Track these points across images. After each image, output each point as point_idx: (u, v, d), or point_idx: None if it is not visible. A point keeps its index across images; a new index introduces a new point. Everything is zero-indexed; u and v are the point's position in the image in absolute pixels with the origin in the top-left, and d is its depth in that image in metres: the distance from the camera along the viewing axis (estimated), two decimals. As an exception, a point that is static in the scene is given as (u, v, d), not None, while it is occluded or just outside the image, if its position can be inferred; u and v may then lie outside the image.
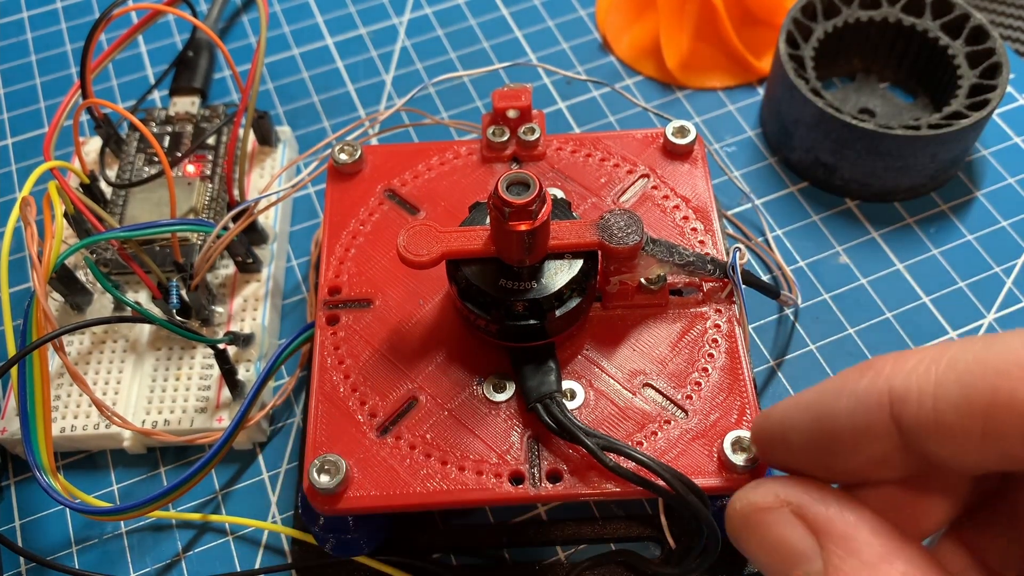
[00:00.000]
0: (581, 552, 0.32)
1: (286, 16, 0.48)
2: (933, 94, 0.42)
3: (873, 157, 0.38)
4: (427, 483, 0.27)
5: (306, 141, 0.43)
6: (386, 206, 0.33)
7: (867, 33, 0.42)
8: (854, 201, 0.40)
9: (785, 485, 0.21)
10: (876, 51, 0.42)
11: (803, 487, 0.20)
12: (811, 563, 0.19)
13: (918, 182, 0.39)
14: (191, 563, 0.32)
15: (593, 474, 0.26)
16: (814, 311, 0.37)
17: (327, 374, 0.29)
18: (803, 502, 0.20)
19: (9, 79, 0.47)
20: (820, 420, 0.20)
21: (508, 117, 0.33)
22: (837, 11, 0.41)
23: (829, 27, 0.41)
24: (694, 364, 0.29)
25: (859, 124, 0.37)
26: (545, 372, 0.27)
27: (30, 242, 0.30)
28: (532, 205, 0.24)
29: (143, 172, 0.39)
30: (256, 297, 0.36)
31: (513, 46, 0.46)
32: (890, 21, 0.41)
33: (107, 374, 0.35)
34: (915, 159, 0.37)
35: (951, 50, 0.40)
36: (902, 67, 0.42)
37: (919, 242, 0.39)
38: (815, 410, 0.20)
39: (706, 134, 0.43)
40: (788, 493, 0.20)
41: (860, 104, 0.42)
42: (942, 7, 0.41)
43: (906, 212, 0.40)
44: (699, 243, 0.31)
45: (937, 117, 0.38)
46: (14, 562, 0.32)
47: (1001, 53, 0.38)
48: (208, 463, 0.29)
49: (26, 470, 0.34)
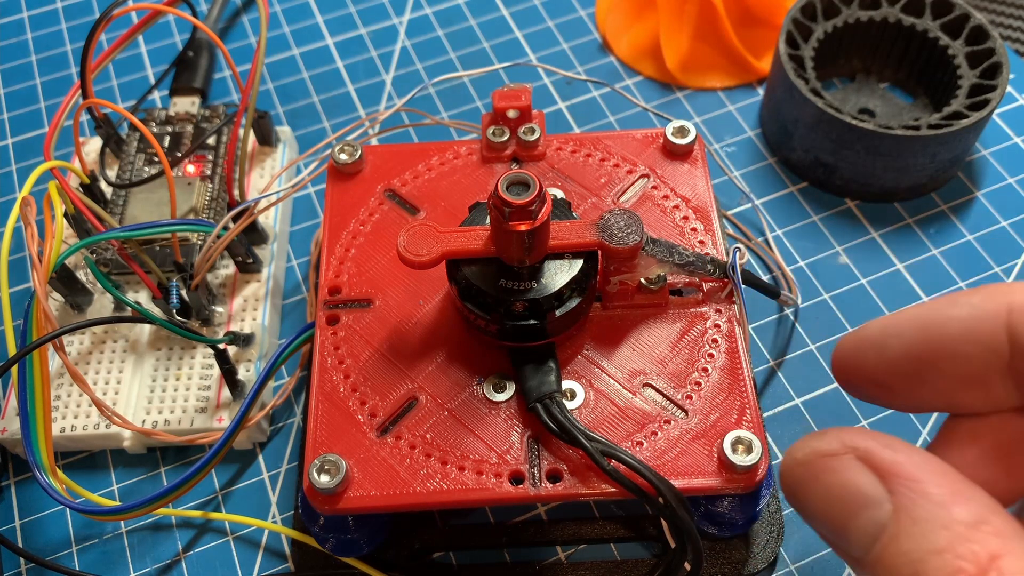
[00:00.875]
0: (581, 552, 0.32)
1: (286, 16, 0.48)
2: (933, 94, 0.42)
3: (873, 157, 0.38)
4: (427, 483, 0.27)
5: (306, 141, 0.43)
6: (386, 206, 0.33)
7: (867, 33, 0.42)
8: (854, 201, 0.40)
9: (850, 432, 0.20)
10: (876, 51, 0.42)
11: (868, 434, 0.20)
12: (879, 507, 0.18)
13: (918, 182, 0.39)
14: (191, 563, 0.32)
15: (593, 474, 0.26)
16: (814, 311, 0.37)
17: (327, 374, 0.29)
18: (871, 447, 0.19)
19: (9, 79, 0.47)
20: (927, 328, 0.20)
21: (508, 117, 0.33)
22: (837, 11, 0.41)
23: (829, 27, 0.41)
24: (694, 364, 0.29)
25: (859, 124, 0.37)
26: (545, 372, 0.27)
27: (30, 242, 0.30)
28: (532, 205, 0.24)
29: (143, 172, 0.39)
30: (256, 297, 0.36)
31: (513, 46, 0.46)
32: (890, 21, 0.41)
33: (107, 374, 0.35)
34: (915, 159, 0.37)
35: (951, 50, 0.40)
36: (902, 67, 0.42)
37: (919, 242, 0.39)
38: (923, 318, 0.20)
39: (706, 134, 0.43)
40: (854, 439, 0.20)
41: (860, 104, 0.42)
42: (942, 7, 0.41)
43: (906, 212, 0.40)
44: (699, 243, 0.31)
45: (937, 117, 0.38)
46: (14, 562, 0.32)
47: (1001, 53, 0.38)
48: (208, 463, 0.29)
49: (26, 470, 0.34)
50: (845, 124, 0.37)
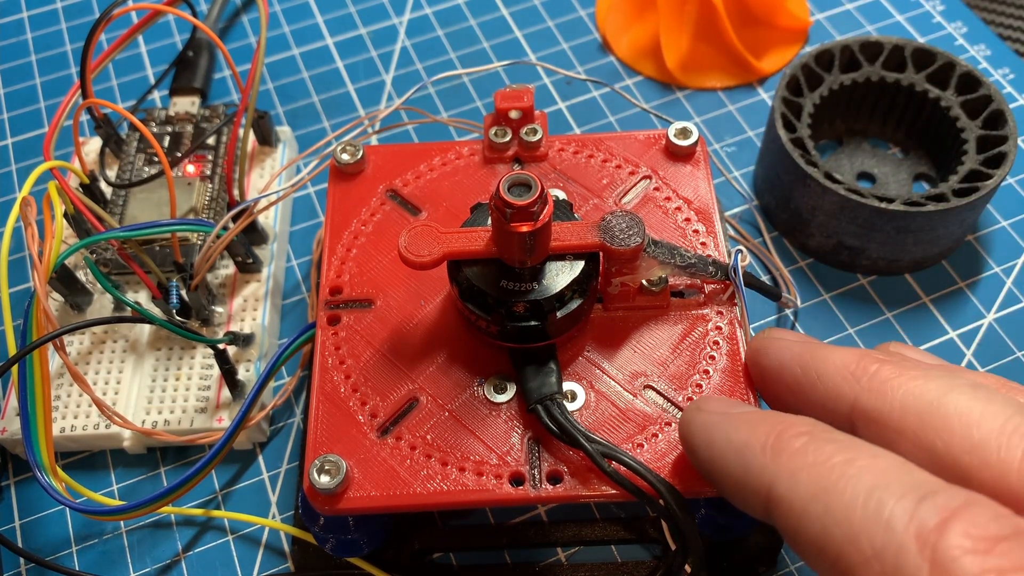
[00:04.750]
0: (581, 553, 0.32)
1: (286, 16, 0.48)
2: (930, 147, 0.40)
3: (904, 235, 0.35)
4: (427, 484, 0.27)
5: (306, 141, 0.43)
6: (388, 206, 0.33)
7: (851, 95, 0.40)
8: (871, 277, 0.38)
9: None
10: (860, 111, 0.41)
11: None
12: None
13: (947, 248, 0.37)
14: (191, 563, 0.32)
15: (593, 476, 0.26)
16: (814, 312, 0.37)
17: (328, 374, 0.29)
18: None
19: (9, 79, 0.47)
20: (801, 379, 0.25)
21: (510, 118, 0.33)
22: (820, 80, 0.39)
23: (816, 98, 0.39)
24: (695, 366, 0.29)
25: (889, 208, 0.34)
26: (546, 373, 0.27)
27: (30, 242, 0.30)
28: (534, 206, 0.24)
29: (143, 172, 0.39)
30: (256, 297, 0.36)
31: (513, 46, 0.46)
32: (873, 80, 0.39)
33: (107, 374, 0.35)
34: (946, 229, 0.36)
35: (943, 101, 0.38)
36: (888, 123, 0.41)
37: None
38: (803, 363, 0.26)
39: (706, 134, 0.43)
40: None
41: (856, 168, 0.40)
42: (924, 57, 0.39)
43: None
44: (701, 245, 0.31)
45: (955, 180, 0.36)
46: (14, 562, 0.32)
47: (999, 100, 0.37)
48: (209, 463, 0.29)
49: (26, 470, 0.34)
50: (872, 208, 0.35)
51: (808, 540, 0.19)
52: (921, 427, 0.21)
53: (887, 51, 0.39)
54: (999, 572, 0.16)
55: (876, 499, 0.18)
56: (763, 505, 0.21)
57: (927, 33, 0.46)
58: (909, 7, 0.47)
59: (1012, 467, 0.19)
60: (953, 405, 0.21)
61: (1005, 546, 0.17)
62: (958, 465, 0.20)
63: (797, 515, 0.20)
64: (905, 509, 0.18)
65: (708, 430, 0.24)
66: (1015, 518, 0.18)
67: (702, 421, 0.24)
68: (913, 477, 0.19)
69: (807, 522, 0.19)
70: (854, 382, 0.23)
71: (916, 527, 0.17)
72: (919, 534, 0.17)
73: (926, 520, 0.17)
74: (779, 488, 0.20)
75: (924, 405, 0.21)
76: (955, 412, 0.21)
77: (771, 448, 0.21)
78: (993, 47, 0.45)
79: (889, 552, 0.17)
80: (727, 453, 0.22)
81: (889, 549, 0.17)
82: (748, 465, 0.21)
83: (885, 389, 0.22)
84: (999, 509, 0.18)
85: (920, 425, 0.21)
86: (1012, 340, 0.36)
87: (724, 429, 0.23)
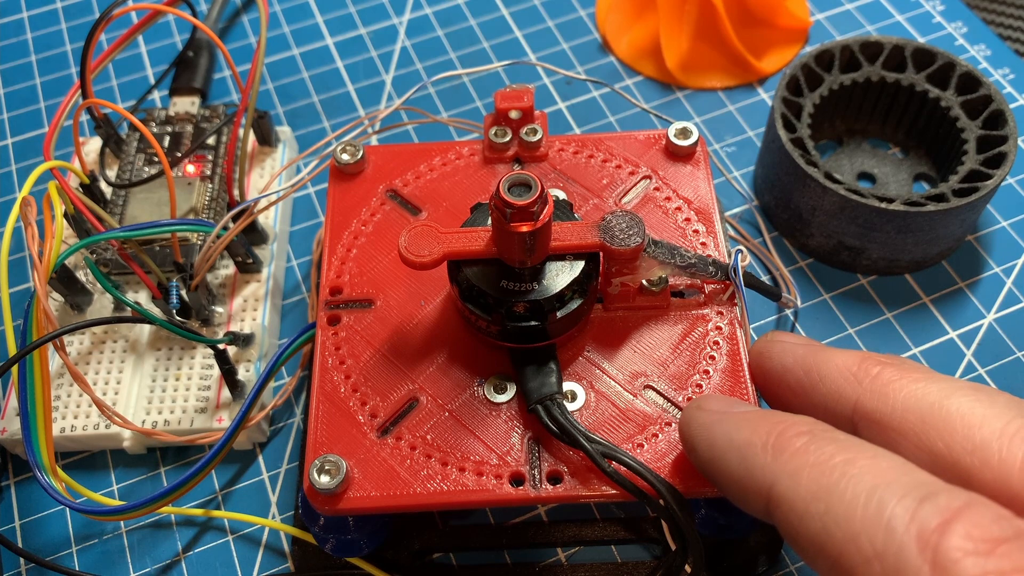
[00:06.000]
0: (581, 553, 0.32)
1: (286, 16, 0.48)
2: (929, 147, 0.40)
3: (904, 235, 0.35)
4: (427, 484, 0.27)
5: (306, 141, 0.43)
6: (388, 206, 0.33)
7: (851, 95, 0.40)
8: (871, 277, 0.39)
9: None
10: (860, 111, 0.41)
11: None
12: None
13: (947, 247, 0.37)
14: (191, 563, 0.32)
15: (593, 476, 0.26)
16: (814, 312, 0.37)
17: (328, 374, 0.29)
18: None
19: (9, 79, 0.47)
20: (804, 380, 0.26)
21: (510, 118, 0.33)
22: (820, 80, 0.39)
23: (816, 98, 0.39)
24: (695, 366, 0.29)
25: (889, 208, 0.34)
26: (546, 373, 0.27)
27: (30, 242, 0.30)
28: (534, 206, 0.24)
29: (143, 172, 0.39)
30: (256, 297, 0.36)
31: (513, 46, 0.46)
32: (873, 80, 0.39)
33: (107, 374, 0.35)
34: (947, 229, 0.36)
35: (943, 101, 0.38)
36: (888, 123, 0.41)
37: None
38: (807, 365, 0.26)
39: (706, 134, 0.43)
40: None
41: (856, 169, 0.40)
42: (924, 57, 0.39)
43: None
44: (701, 245, 0.31)
45: (955, 180, 0.36)
46: (14, 562, 0.32)
47: (999, 100, 0.37)
48: (209, 463, 0.29)
49: (26, 470, 0.34)
50: (873, 208, 0.35)
51: (808, 540, 0.19)
52: (923, 428, 0.21)
53: (887, 51, 0.39)
54: (1000, 574, 0.16)
55: (877, 499, 0.18)
56: (764, 504, 0.21)
57: (927, 33, 0.46)
58: (909, 7, 0.47)
59: (1013, 469, 0.19)
60: (955, 407, 0.21)
61: (1006, 548, 0.17)
62: (959, 466, 0.20)
63: (798, 514, 0.20)
64: (906, 510, 0.18)
65: (709, 429, 0.24)
66: (1016, 520, 0.18)
67: (702, 420, 0.24)
68: (914, 478, 0.19)
69: (808, 521, 0.19)
70: (856, 384, 0.23)
71: (917, 528, 0.17)
72: (920, 535, 0.17)
73: (927, 521, 0.17)
74: (780, 487, 0.20)
75: (926, 406, 0.21)
76: (957, 413, 0.21)
77: (772, 447, 0.21)
78: (993, 47, 0.45)
79: (890, 552, 0.17)
80: (728, 452, 0.22)
81: (890, 549, 0.17)
82: (749, 464, 0.21)
83: (887, 391, 0.22)
84: (1000, 511, 0.18)
85: (922, 426, 0.21)
86: (1012, 340, 0.36)
87: (725, 428, 0.23)
